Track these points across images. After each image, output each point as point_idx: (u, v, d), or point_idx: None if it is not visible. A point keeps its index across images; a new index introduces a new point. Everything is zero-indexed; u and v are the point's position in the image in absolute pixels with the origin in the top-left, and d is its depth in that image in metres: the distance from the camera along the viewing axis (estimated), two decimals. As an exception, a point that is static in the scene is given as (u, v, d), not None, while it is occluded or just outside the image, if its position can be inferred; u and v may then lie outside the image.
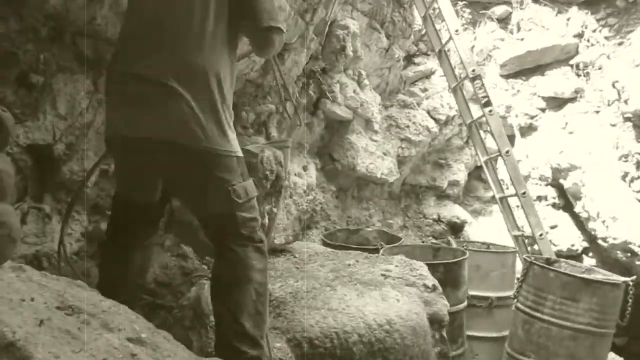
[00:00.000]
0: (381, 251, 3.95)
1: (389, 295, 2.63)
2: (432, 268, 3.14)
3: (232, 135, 1.96)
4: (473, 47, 6.77)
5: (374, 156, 5.84)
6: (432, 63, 6.65)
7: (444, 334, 2.80)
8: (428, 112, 6.48)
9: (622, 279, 3.84)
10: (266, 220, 3.55)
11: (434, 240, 6.20)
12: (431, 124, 6.35)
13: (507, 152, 4.65)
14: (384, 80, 6.36)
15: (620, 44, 6.05)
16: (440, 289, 2.91)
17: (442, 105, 6.50)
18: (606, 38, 6.19)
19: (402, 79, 6.56)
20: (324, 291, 2.59)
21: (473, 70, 4.72)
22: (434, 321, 2.75)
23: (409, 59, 6.66)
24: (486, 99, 4.68)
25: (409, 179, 6.65)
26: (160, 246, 3.03)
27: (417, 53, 6.67)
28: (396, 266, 3.02)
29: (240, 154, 2.00)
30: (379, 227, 5.96)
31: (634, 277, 3.84)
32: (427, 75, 6.68)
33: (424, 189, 6.75)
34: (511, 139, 6.41)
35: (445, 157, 6.75)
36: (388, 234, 5.34)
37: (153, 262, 2.69)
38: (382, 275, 2.87)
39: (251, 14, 1.98)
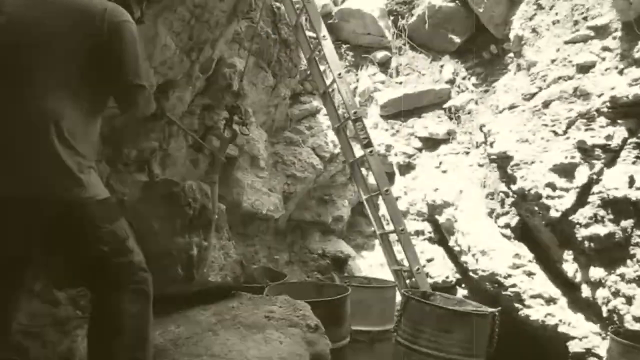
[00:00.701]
0: (266, 290, 3.95)
1: (272, 338, 2.63)
2: (315, 305, 3.19)
3: (89, 179, 1.84)
4: (356, 88, 7.09)
5: (259, 192, 5.86)
6: (317, 102, 6.85)
7: (325, 374, 2.84)
8: (313, 150, 6.64)
9: (490, 310, 4.13)
10: (194, 252, 3.43)
11: (319, 276, 6.31)
12: (316, 161, 6.50)
13: (386, 191, 4.89)
14: (270, 118, 6.45)
15: (486, 91, 6.63)
16: (322, 328, 2.95)
17: (326, 143, 6.68)
18: (474, 85, 6.77)
19: (289, 117, 6.69)
20: (206, 336, 2.54)
21: (355, 112, 4.94)
22: (317, 361, 2.78)
23: (295, 98, 6.82)
24: (367, 140, 4.91)
25: (295, 215, 6.73)
26: (28, 291, 2.80)
27: (303, 92, 6.85)
28: (280, 307, 3.03)
29: (103, 196, 1.89)
30: (265, 263, 5.97)
31: (499, 308, 4.14)
32: (313, 114, 6.86)
33: (309, 224, 6.85)
34: (391, 176, 6.74)
35: (329, 193, 6.92)
36: (273, 270, 5.36)
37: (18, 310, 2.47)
38: (266, 317, 2.87)
39: (114, 70, 1.90)
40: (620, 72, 5.03)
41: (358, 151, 5.34)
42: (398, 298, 4.70)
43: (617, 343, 2.98)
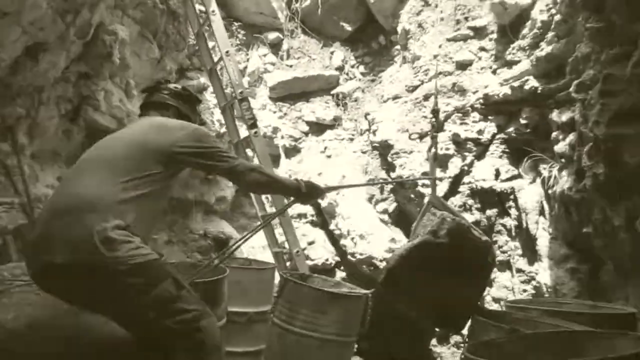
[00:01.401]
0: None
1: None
2: (192, 286, 3.11)
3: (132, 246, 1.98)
4: (246, 67, 6.98)
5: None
6: (205, 79, 6.66)
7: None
8: (199, 128, 6.45)
9: (363, 291, 4.28)
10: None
11: (199, 257, 6.19)
12: (202, 139, 6.31)
13: (270, 172, 4.87)
14: (154, 92, 6.17)
15: (373, 80, 6.82)
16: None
17: (212, 122, 6.53)
18: (362, 74, 6.93)
19: (174, 92, 6.44)
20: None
21: (241, 92, 4.86)
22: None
23: (182, 73, 6.59)
24: (252, 121, 4.85)
25: (177, 194, 6.53)
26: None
27: (191, 67, 6.64)
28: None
29: (147, 259, 2.01)
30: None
31: (372, 290, 4.30)
32: (200, 91, 6.67)
33: (191, 203, 6.68)
34: (277, 158, 6.74)
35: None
36: (151, 251, 5.16)
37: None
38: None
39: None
40: (494, 72, 5.39)
41: (244, 132, 5.28)
42: (277, 280, 4.73)
43: (476, 321, 3.21)
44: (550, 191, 4.67)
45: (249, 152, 5.54)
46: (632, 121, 2.21)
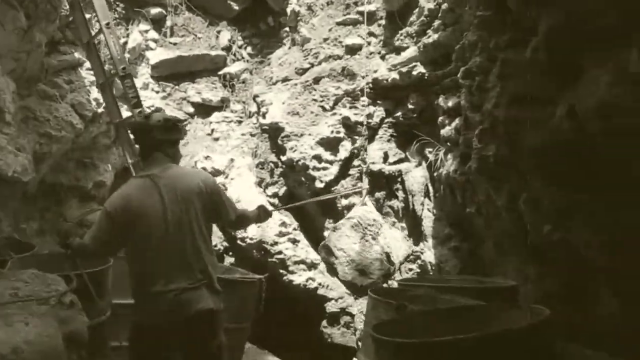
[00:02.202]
0: (9, 263, 3.43)
1: (14, 319, 2.27)
2: (71, 279, 2.84)
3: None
4: (125, 43, 6.52)
5: (4, 151, 5.05)
6: (80, 54, 6.13)
7: (83, 353, 2.57)
8: (73, 107, 5.93)
9: (257, 276, 4.21)
10: None
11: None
12: (76, 119, 5.82)
13: (156, 155, 4.59)
14: (20, 66, 5.56)
15: (261, 62, 6.69)
16: (78, 304, 2.65)
17: (89, 101, 6.03)
18: (250, 55, 6.77)
19: (44, 67, 5.86)
20: None
21: (123, 68, 4.54)
22: (72, 341, 2.48)
23: (54, 46, 5.99)
24: (136, 100, 4.56)
25: (49, 178, 5.99)
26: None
27: (63, 41, 6.06)
28: (26, 283, 2.63)
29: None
30: (9, 233, 5.20)
31: (266, 275, 4.25)
32: (74, 67, 6.11)
33: (66, 189, 6.17)
34: (161, 141, 6.40)
35: (91, 156, 6.30)
36: (19, 241, 4.70)
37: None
38: (10, 295, 2.46)
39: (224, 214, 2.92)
40: (383, 57, 5.51)
41: (125, 112, 4.93)
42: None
43: (370, 298, 3.28)
44: (435, 174, 4.88)
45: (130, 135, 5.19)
46: (531, 104, 2.32)
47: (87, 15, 4.97)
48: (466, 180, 4.24)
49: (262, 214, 3.32)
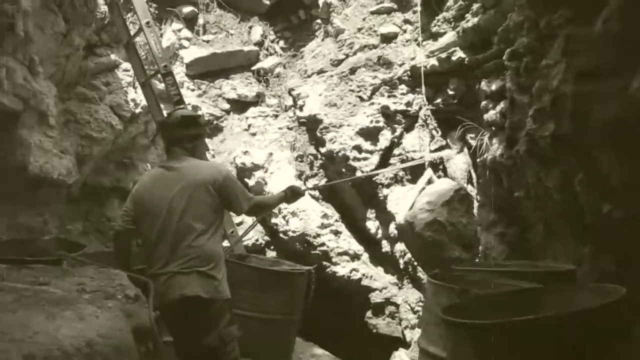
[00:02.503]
0: (65, 262, 3.48)
1: (85, 313, 2.29)
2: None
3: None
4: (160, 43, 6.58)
5: (49, 154, 5.14)
6: (115, 56, 6.20)
7: (151, 345, 2.59)
8: (111, 108, 6.02)
9: (306, 268, 4.20)
10: None
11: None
12: (115, 120, 5.91)
13: (199, 152, 4.62)
14: (60, 70, 5.65)
15: (294, 55, 6.68)
16: (143, 297, 2.68)
17: (126, 102, 6.12)
18: (282, 49, 6.76)
19: (82, 71, 5.94)
20: (1, 319, 2.09)
21: (165, 66, 4.57)
22: (139, 334, 2.51)
23: (90, 49, 6.07)
24: (178, 97, 4.58)
25: (91, 180, 6.08)
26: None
27: (99, 44, 6.14)
28: (92, 278, 2.66)
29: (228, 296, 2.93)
30: (57, 234, 5.30)
31: (315, 266, 4.24)
32: (110, 69, 6.20)
33: (107, 190, 6.26)
34: (198, 139, 6.44)
35: (130, 157, 6.39)
36: (69, 241, 4.78)
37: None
38: (77, 290, 2.49)
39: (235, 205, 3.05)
40: (419, 44, 5.44)
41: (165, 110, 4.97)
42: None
43: (430, 284, 3.25)
44: (479, 159, 4.80)
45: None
46: (601, 78, 2.26)
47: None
48: (513, 163, 4.17)
49: (289, 195, 3.45)
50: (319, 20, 6.58)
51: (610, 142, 2.22)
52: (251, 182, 6.03)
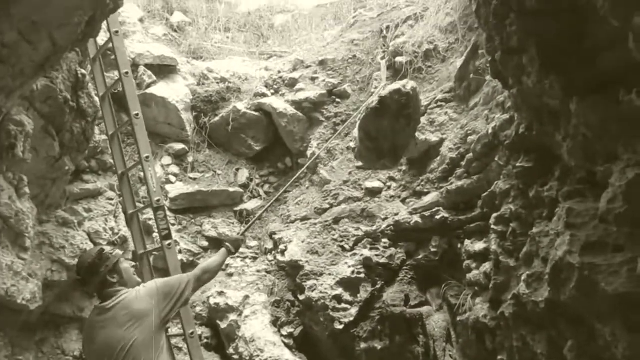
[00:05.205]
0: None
1: None
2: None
3: None
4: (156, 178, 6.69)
5: (18, 277, 4.92)
6: (101, 183, 6.23)
7: None
8: (89, 235, 5.90)
9: None
10: None
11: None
12: (90, 247, 5.77)
13: (181, 288, 4.51)
14: (44, 192, 5.61)
15: (277, 200, 6.82)
16: None
17: (105, 230, 6.01)
18: (267, 193, 6.93)
19: (66, 194, 5.92)
20: None
21: (158, 201, 4.61)
22: None
23: (77, 174, 6.10)
24: (167, 232, 4.57)
25: (52, 308, 5.76)
26: None
27: (88, 170, 6.20)
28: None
29: None
30: (7, 365, 4.89)
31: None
32: (95, 196, 6.17)
33: (67, 320, 5.91)
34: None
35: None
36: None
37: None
38: None
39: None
40: (403, 201, 5.67)
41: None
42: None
43: None
44: (459, 318, 4.80)
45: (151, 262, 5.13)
46: (603, 251, 2.40)
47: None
48: (497, 325, 4.18)
49: (231, 247, 4.00)
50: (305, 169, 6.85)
51: (618, 314, 2.29)
52: (223, 324, 5.82)
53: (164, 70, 7.13)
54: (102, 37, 5.22)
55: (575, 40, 2.53)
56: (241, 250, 6.49)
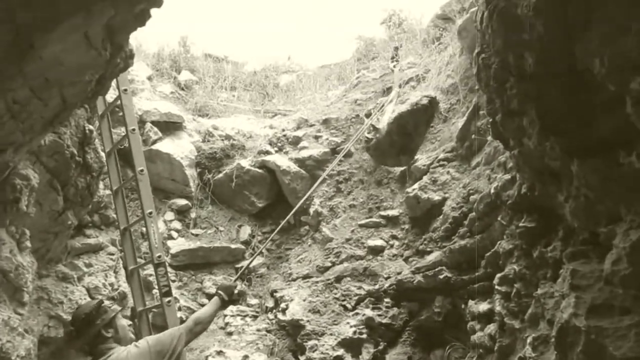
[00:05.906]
0: None
1: None
2: None
3: None
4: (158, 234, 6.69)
5: (13, 333, 4.82)
6: (103, 238, 6.22)
7: None
8: (88, 290, 5.83)
9: None
10: None
11: None
12: (88, 302, 5.70)
13: (179, 346, 4.42)
14: (46, 246, 5.59)
15: (279, 257, 6.79)
16: None
17: (104, 285, 5.94)
18: (268, 250, 6.90)
19: (67, 249, 5.90)
20: None
21: (159, 257, 4.60)
22: None
23: (79, 229, 6.10)
24: (167, 289, 4.53)
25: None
26: None
27: (90, 225, 6.20)
28: None
29: None
30: None
31: None
32: (95, 250, 6.14)
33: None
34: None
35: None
36: None
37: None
38: None
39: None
40: (406, 260, 5.63)
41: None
42: None
43: None
44: (464, 382, 4.68)
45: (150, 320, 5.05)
46: (609, 314, 2.37)
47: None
48: (504, 388, 4.06)
49: (224, 296, 3.94)
50: (307, 227, 6.85)
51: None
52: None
53: (170, 127, 7.25)
54: (110, 94, 5.35)
55: (573, 104, 2.58)
56: (241, 308, 6.41)
